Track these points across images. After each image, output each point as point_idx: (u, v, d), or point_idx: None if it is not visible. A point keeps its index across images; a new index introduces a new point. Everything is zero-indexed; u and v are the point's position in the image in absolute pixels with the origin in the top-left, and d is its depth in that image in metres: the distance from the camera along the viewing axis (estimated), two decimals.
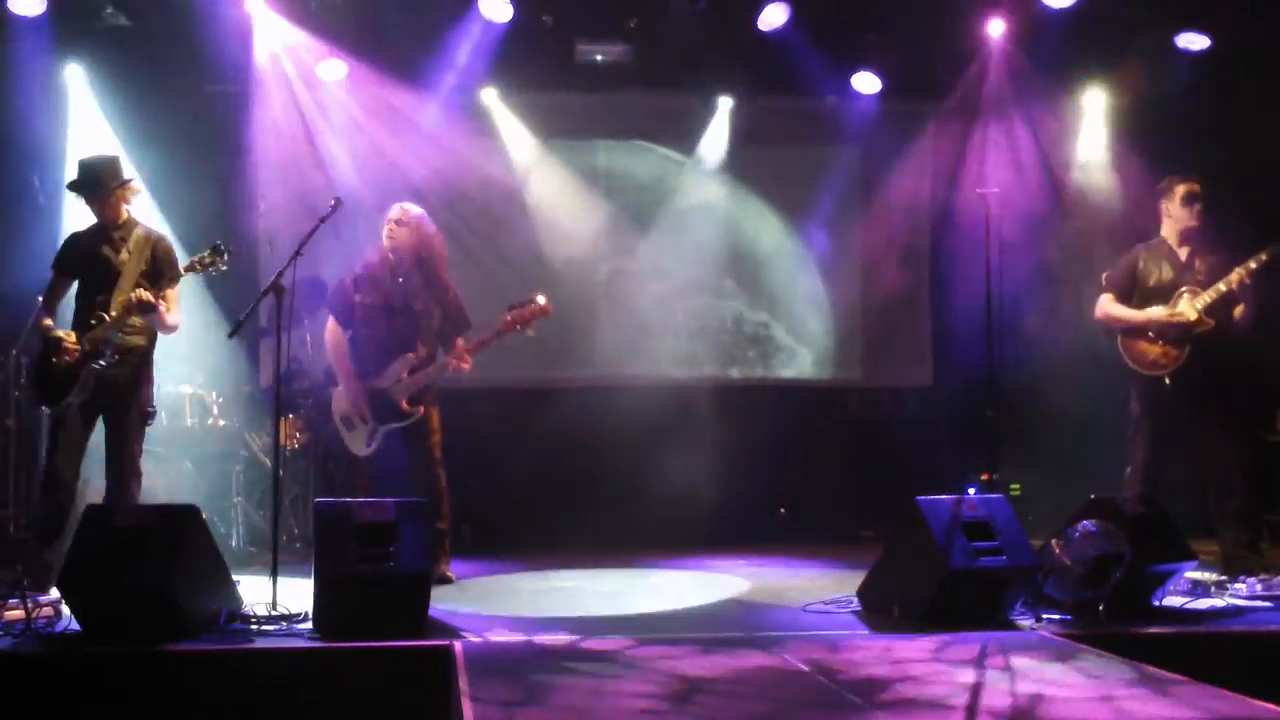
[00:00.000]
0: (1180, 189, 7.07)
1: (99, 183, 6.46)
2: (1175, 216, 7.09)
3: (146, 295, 6.21)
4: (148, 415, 6.48)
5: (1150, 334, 6.98)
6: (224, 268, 6.36)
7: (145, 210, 7.02)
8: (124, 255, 6.43)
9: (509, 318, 7.12)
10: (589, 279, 9.88)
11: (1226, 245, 7.04)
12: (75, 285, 6.53)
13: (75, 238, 6.63)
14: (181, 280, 6.46)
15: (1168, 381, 6.93)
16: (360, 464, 7.27)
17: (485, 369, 9.21)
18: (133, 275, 6.36)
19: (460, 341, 7.23)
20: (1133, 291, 7.12)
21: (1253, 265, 6.75)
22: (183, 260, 6.55)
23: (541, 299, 7.19)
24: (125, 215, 6.55)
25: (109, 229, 6.50)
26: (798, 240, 10.21)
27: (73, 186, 6.54)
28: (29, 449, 7.86)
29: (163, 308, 6.30)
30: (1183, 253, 7.08)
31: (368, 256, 7.37)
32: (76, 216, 7.02)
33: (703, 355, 10.08)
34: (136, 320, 6.35)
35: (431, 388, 7.24)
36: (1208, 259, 7.01)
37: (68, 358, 6.21)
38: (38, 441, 7.49)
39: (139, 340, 6.40)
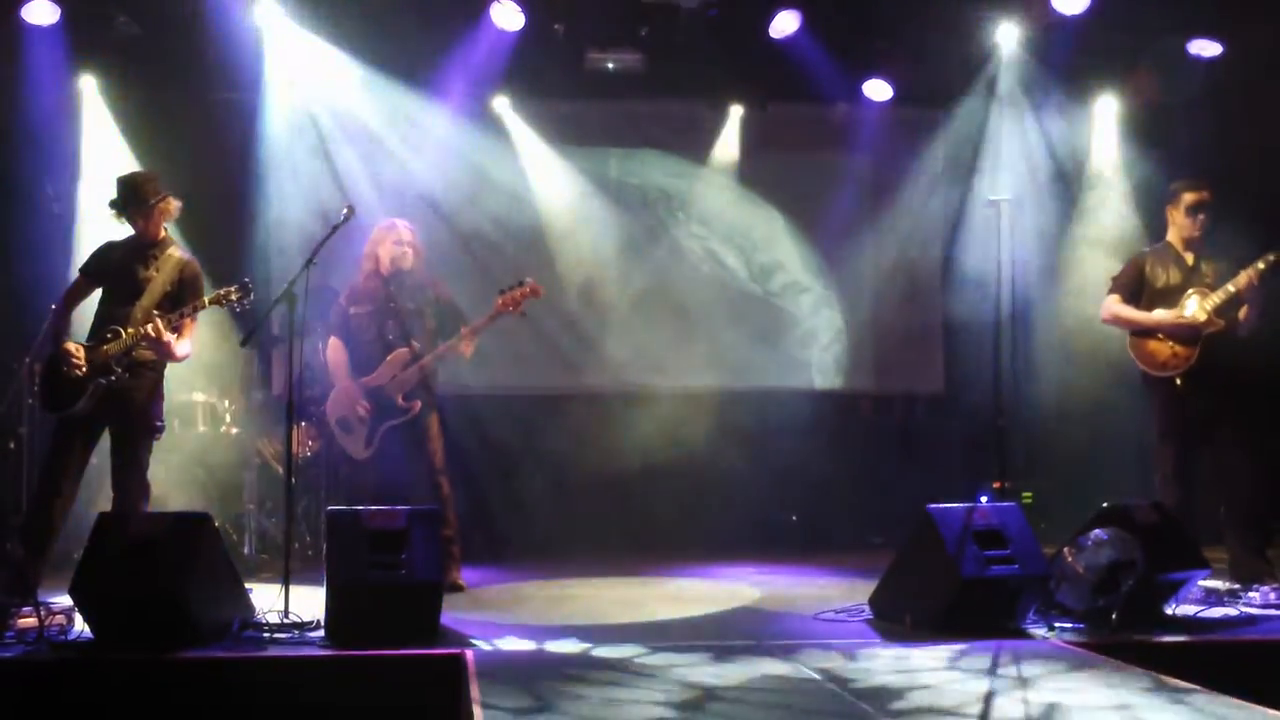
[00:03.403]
0: (1186, 197, 7.03)
1: (140, 198, 6.45)
2: (1179, 224, 7.08)
3: (158, 329, 6.21)
4: (156, 430, 6.47)
5: (1160, 335, 6.96)
6: (249, 305, 6.38)
7: None
8: (152, 272, 6.42)
9: (500, 301, 7.15)
10: (599, 286, 9.88)
11: (1235, 249, 7.00)
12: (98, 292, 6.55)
13: (109, 247, 6.59)
14: (205, 310, 6.44)
15: (1178, 382, 6.91)
16: (363, 470, 7.28)
17: (497, 376, 9.28)
18: (155, 295, 6.36)
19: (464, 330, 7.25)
20: (1140, 294, 7.09)
21: (1261, 266, 6.72)
22: (208, 290, 6.54)
23: (531, 280, 7.23)
24: (163, 233, 6.55)
25: (144, 245, 6.48)
26: (809, 247, 10.21)
27: (114, 204, 6.51)
28: (42, 456, 7.87)
29: (173, 340, 6.29)
30: (1189, 257, 7.05)
31: (362, 269, 7.40)
32: (91, 227, 7.05)
33: (712, 362, 10.06)
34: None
35: (429, 389, 7.26)
36: (1215, 263, 6.99)
37: (76, 371, 6.22)
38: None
39: (149, 354, 6.38)
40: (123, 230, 6.56)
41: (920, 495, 6.24)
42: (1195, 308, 6.86)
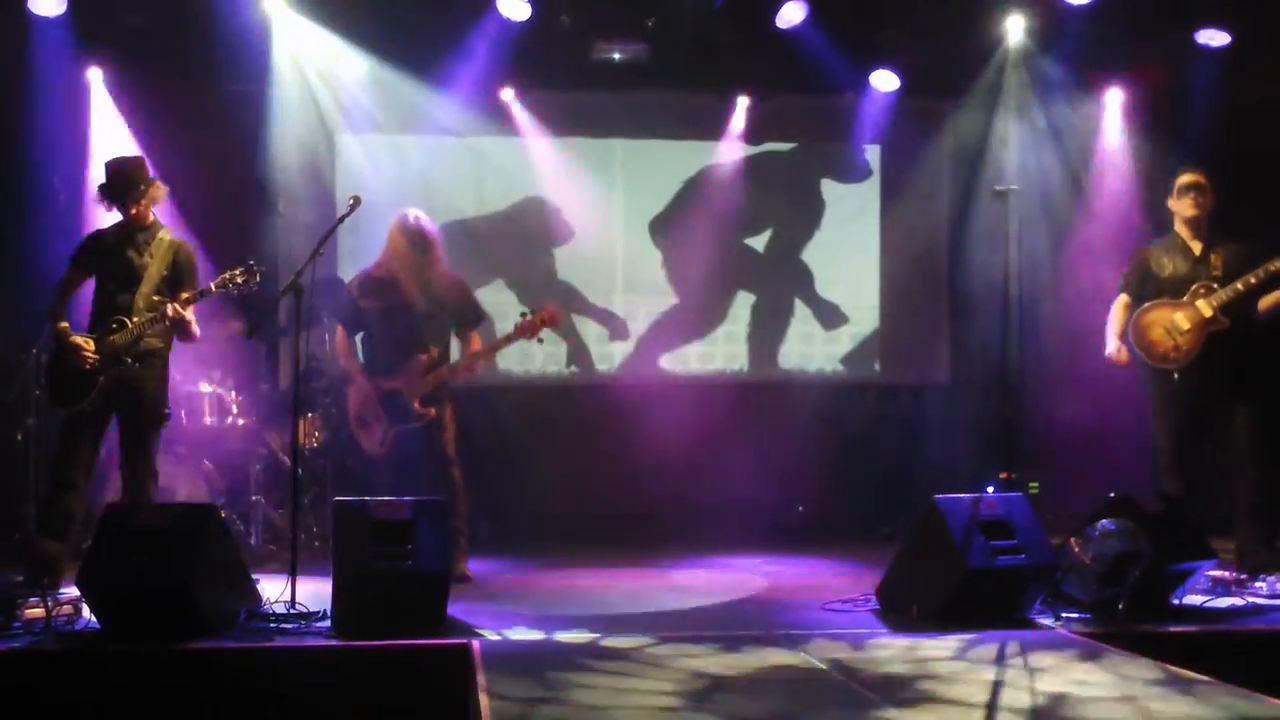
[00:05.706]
0: (1179, 180, 7.03)
1: (128, 183, 6.47)
2: (1178, 209, 7.06)
3: (177, 311, 6.23)
4: (164, 417, 6.50)
5: (1163, 328, 6.92)
6: (255, 288, 6.38)
7: (163, 209, 7.03)
8: (146, 258, 6.44)
9: (518, 325, 7.17)
10: (606, 277, 9.89)
11: (1247, 238, 6.97)
12: (91, 281, 6.57)
13: (98, 235, 6.64)
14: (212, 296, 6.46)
15: (1176, 377, 6.89)
16: (375, 468, 7.30)
17: (504, 365, 9.27)
18: (153, 279, 6.39)
19: (475, 337, 7.26)
20: (1146, 288, 7.07)
21: (1272, 268, 6.69)
22: (209, 275, 6.56)
23: (549, 306, 7.26)
24: (152, 217, 6.58)
25: (134, 230, 6.51)
26: (815, 238, 10.19)
27: (102, 189, 6.54)
28: (48, 447, 7.88)
29: (192, 320, 6.33)
30: (1195, 246, 7.02)
31: (374, 260, 7.40)
32: (97, 218, 7.04)
33: (721, 352, 10.06)
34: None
35: (444, 387, 7.26)
36: (1224, 253, 6.96)
37: (86, 365, 6.24)
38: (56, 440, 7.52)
39: (156, 343, 6.42)
40: (110, 219, 6.58)
41: (926, 485, 6.24)
42: (1201, 304, 6.81)
